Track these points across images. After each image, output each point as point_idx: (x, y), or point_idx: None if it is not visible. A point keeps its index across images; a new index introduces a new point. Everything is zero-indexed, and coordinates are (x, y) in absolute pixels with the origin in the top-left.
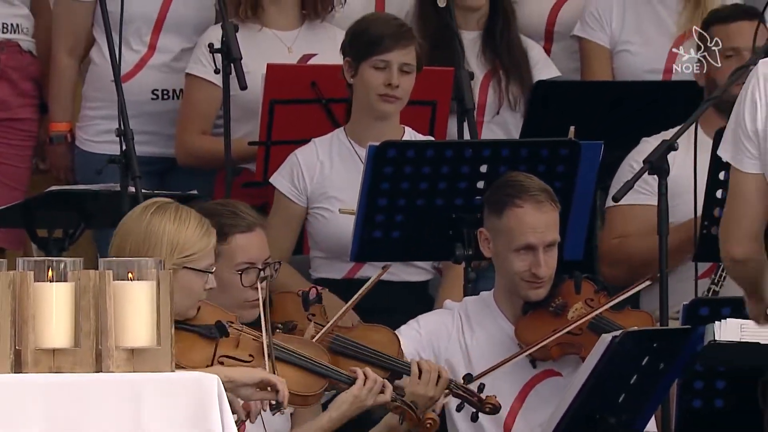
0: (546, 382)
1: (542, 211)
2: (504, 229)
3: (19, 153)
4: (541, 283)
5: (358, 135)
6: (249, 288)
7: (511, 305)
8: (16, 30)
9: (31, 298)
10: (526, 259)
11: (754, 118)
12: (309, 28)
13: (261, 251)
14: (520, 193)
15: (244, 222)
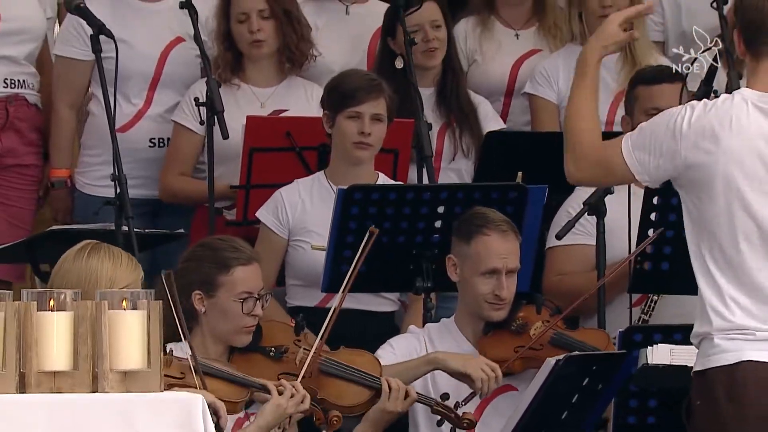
0: (503, 396)
1: (506, 239)
2: (472, 255)
3: (25, 196)
4: (502, 305)
5: (336, 178)
6: (247, 315)
7: (472, 327)
8: (23, 85)
9: (34, 325)
10: (490, 282)
11: (673, 150)
12: (286, 84)
13: (258, 282)
14: (487, 224)
15: (244, 255)
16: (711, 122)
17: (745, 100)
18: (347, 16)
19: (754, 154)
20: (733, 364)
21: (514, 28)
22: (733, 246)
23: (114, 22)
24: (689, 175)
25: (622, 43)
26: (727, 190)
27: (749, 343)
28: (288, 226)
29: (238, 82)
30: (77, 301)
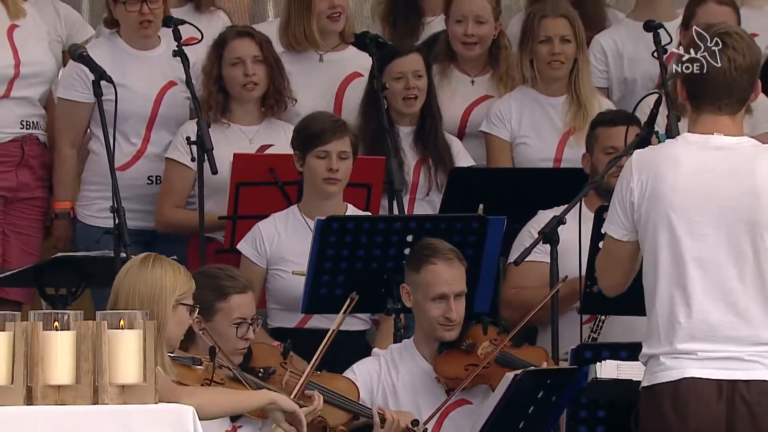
0: (459, 409)
1: (452, 266)
2: (422, 283)
3: (34, 225)
4: (453, 326)
5: (308, 211)
6: (240, 339)
7: (428, 347)
8: (35, 126)
9: (40, 343)
10: (440, 306)
11: (630, 195)
12: (267, 124)
13: (251, 309)
14: (434, 253)
15: (239, 284)
16: (656, 164)
17: (688, 143)
18: (321, 64)
19: (698, 189)
20: (677, 380)
21: (470, 75)
22: (680, 273)
23: (113, 68)
24: (641, 215)
25: None
26: (671, 224)
27: (692, 362)
28: (266, 256)
29: (227, 122)
30: (79, 321)
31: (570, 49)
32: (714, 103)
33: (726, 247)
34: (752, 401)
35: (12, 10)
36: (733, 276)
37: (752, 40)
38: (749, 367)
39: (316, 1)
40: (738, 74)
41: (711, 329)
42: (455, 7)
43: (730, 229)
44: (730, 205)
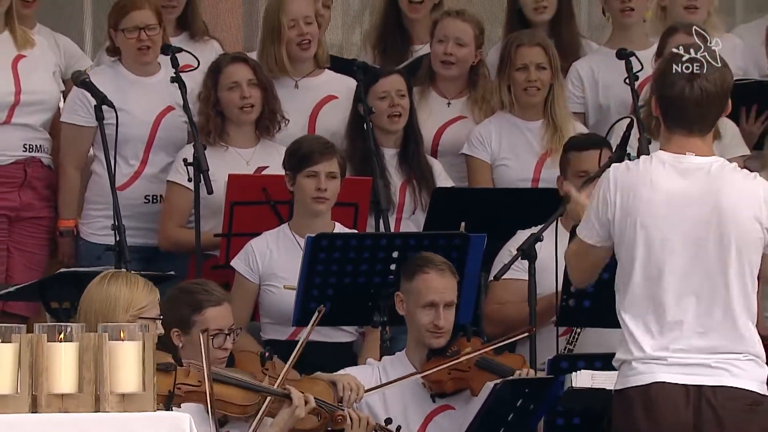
0: (443, 414)
1: (443, 277)
2: (414, 290)
3: (39, 243)
4: (441, 334)
5: (298, 229)
6: (218, 349)
7: (418, 355)
8: (39, 149)
9: (45, 354)
10: (430, 313)
11: (606, 210)
12: (262, 146)
13: (228, 320)
14: (427, 263)
15: (214, 297)
16: (632, 180)
17: (662, 162)
18: (296, 90)
19: (668, 206)
20: (648, 384)
21: (447, 97)
22: (652, 284)
23: (114, 93)
24: (616, 227)
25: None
26: (644, 238)
27: (661, 367)
28: (258, 272)
29: (225, 145)
30: (82, 333)
31: (545, 75)
32: (685, 127)
33: (695, 262)
34: (718, 406)
35: (20, 40)
36: (702, 288)
37: (725, 64)
38: (716, 373)
39: (285, 30)
40: (708, 101)
41: (680, 337)
42: (439, 29)
43: (700, 244)
44: (700, 222)
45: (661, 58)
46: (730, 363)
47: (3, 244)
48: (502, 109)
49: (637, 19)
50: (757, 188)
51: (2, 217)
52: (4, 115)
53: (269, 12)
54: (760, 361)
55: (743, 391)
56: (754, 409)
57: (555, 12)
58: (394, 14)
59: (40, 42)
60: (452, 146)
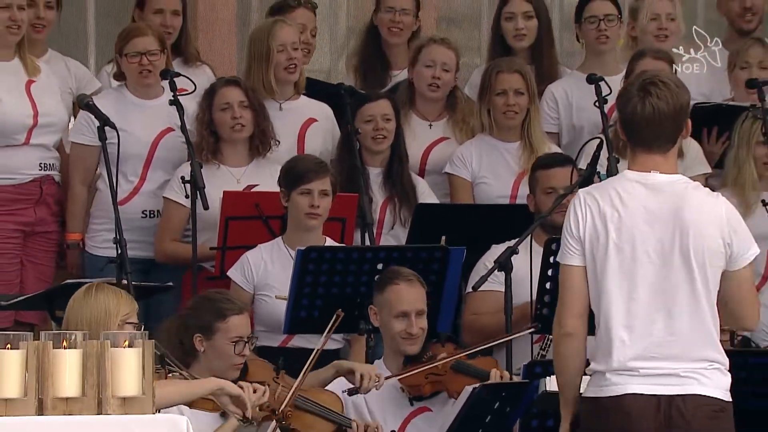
0: (420, 416)
1: (413, 287)
2: (386, 302)
3: (48, 256)
4: (414, 340)
5: (292, 242)
6: (237, 355)
7: (395, 362)
8: (51, 167)
9: (51, 360)
10: (402, 322)
11: (578, 227)
12: (254, 165)
13: (247, 329)
14: (397, 276)
15: (237, 306)
16: (601, 199)
17: (630, 180)
18: (281, 112)
19: (636, 222)
20: (621, 395)
21: (428, 119)
22: (624, 297)
23: (117, 115)
24: (588, 245)
25: None
26: (614, 253)
27: (634, 378)
28: (253, 282)
29: (217, 163)
30: (86, 341)
31: (523, 100)
32: (644, 145)
33: (663, 276)
34: (687, 414)
35: (30, 67)
36: (670, 301)
37: (680, 85)
38: (685, 382)
39: (274, 54)
40: (661, 119)
41: (650, 348)
42: (425, 55)
43: (666, 259)
44: (666, 238)
45: (626, 82)
46: (698, 372)
47: (17, 257)
48: (482, 131)
49: (611, 46)
50: (719, 206)
51: (19, 232)
52: (23, 136)
53: (258, 37)
54: (723, 369)
55: (710, 398)
56: (719, 415)
57: (535, 39)
58: (374, 41)
59: (45, 68)
60: (438, 165)
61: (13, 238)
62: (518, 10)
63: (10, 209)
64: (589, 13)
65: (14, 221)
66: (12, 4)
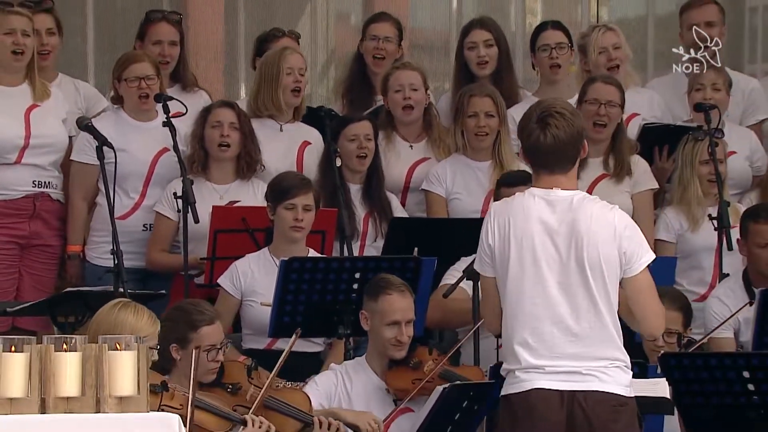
0: (403, 416)
1: (404, 297)
2: (378, 310)
3: (47, 267)
4: (403, 346)
5: (277, 253)
6: (211, 362)
7: (379, 364)
8: (47, 185)
9: (52, 362)
10: (393, 330)
11: (487, 239)
12: (238, 183)
13: (219, 336)
14: (390, 286)
15: (207, 317)
16: (508, 212)
17: (533, 195)
18: (281, 132)
19: (537, 232)
20: (528, 390)
21: (408, 140)
22: (526, 304)
23: (116, 136)
24: (498, 254)
25: None
26: (519, 261)
27: (540, 375)
28: (241, 289)
29: (203, 180)
30: (85, 344)
31: (493, 122)
32: (546, 168)
33: (563, 282)
34: (588, 408)
35: (38, 92)
36: (571, 304)
37: (573, 113)
38: (586, 380)
39: (283, 77)
40: (562, 146)
41: (554, 348)
42: (393, 81)
43: (564, 266)
44: (564, 247)
45: (523, 115)
46: (599, 370)
47: (14, 267)
48: (456, 151)
49: (563, 72)
50: (613, 218)
51: (14, 244)
52: (14, 156)
53: (269, 61)
54: (624, 367)
55: (610, 394)
56: (619, 409)
57: (496, 66)
58: (359, 68)
59: (56, 93)
60: (420, 183)
61: (8, 250)
62: (479, 40)
63: (3, 223)
64: (542, 42)
65: (8, 234)
66: (16, 29)
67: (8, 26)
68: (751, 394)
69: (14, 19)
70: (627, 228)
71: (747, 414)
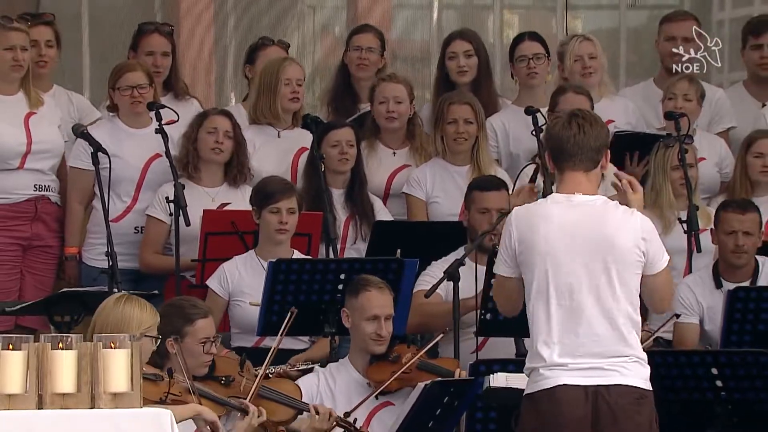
0: (385, 409)
1: (383, 294)
2: (359, 306)
3: (47, 267)
4: (383, 341)
5: (263, 255)
6: (206, 354)
7: (361, 360)
8: (47, 189)
9: (49, 360)
10: (373, 325)
11: (511, 241)
12: (227, 187)
13: (213, 330)
14: (369, 284)
15: (202, 311)
16: (530, 217)
17: (556, 200)
18: (279, 139)
19: (562, 236)
20: (553, 387)
21: (392, 148)
22: (549, 303)
23: (111, 143)
24: (521, 257)
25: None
26: (544, 264)
27: (564, 372)
28: (228, 290)
29: (193, 184)
30: (80, 342)
31: (472, 129)
32: (570, 164)
33: (586, 282)
34: (611, 401)
35: (33, 100)
36: (593, 304)
37: (600, 122)
38: (608, 374)
39: (282, 86)
40: (586, 137)
41: (577, 346)
42: (379, 92)
43: (589, 267)
44: (588, 249)
45: (553, 118)
46: (620, 365)
47: (17, 268)
48: (436, 156)
49: (540, 81)
50: (635, 221)
51: (17, 246)
52: (17, 162)
53: (268, 71)
54: (643, 362)
55: (631, 387)
56: (640, 401)
57: (475, 76)
58: (344, 78)
59: (49, 101)
60: (401, 189)
61: (11, 251)
62: (459, 50)
63: (7, 225)
64: (520, 53)
65: (11, 236)
66: (16, 45)
67: (8, 43)
68: (719, 390)
69: (14, 36)
70: (649, 232)
71: (714, 409)
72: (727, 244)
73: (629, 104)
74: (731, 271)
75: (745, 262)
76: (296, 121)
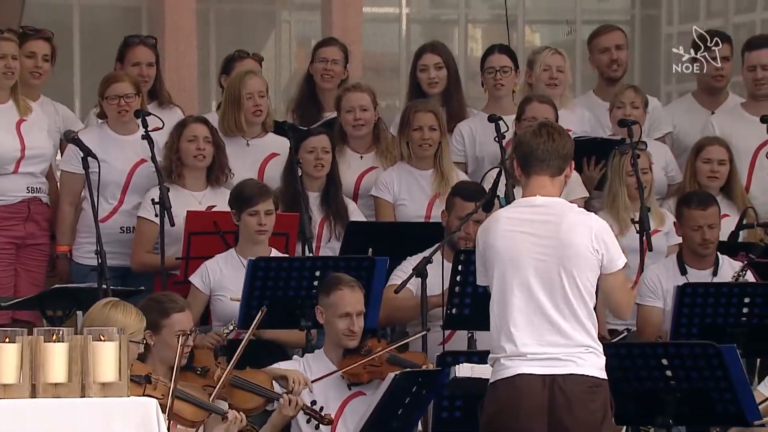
0: (357, 399)
1: (354, 292)
2: (331, 304)
3: (39, 265)
4: (355, 336)
5: (243, 252)
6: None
7: (335, 353)
8: (39, 190)
9: (42, 352)
10: (345, 321)
11: (478, 251)
12: (211, 189)
13: (189, 323)
14: (341, 282)
15: (178, 305)
16: (492, 221)
17: (517, 204)
18: (247, 148)
19: (517, 237)
20: (512, 375)
21: (359, 152)
22: (509, 299)
23: (99, 148)
24: (487, 257)
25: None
26: (504, 262)
27: (523, 362)
28: (210, 285)
29: (179, 188)
30: (71, 336)
31: (436, 135)
32: (535, 169)
33: (543, 279)
34: (567, 389)
35: (22, 108)
36: (548, 298)
37: (566, 134)
38: (565, 365)
39: (244, 100)
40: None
41: (535, 338)
42: (345, 103)
43: (544, 264)
44: (546, 247)
45: (519, 127)
46: (576, 356)
47: (12, 265)
48: (402, 160)
49: (506, 92)
50: (591, 222)
51: (11, 245)
52: (12, 167)
53: (231, 86)
54: (598, 353)
55: (586, 377)
56: (594, 390)
57: (445, 86)
58: (309, 87)
59: (37, 109)
60: (368, 190)
61: (6, 250)
62: (430, 62)
63: (2, 225)
64: (489, 64)
65: (6, 235)
66: (7, 54)
67: (0, 52)
68: (668, 380)
69: (5, 45)
70: (605, 232)
71: (664, 397)
72: (693, 238)
73: (585, 113)
74: (696, 258)
75: (711, 252)
76: (267, 128)
